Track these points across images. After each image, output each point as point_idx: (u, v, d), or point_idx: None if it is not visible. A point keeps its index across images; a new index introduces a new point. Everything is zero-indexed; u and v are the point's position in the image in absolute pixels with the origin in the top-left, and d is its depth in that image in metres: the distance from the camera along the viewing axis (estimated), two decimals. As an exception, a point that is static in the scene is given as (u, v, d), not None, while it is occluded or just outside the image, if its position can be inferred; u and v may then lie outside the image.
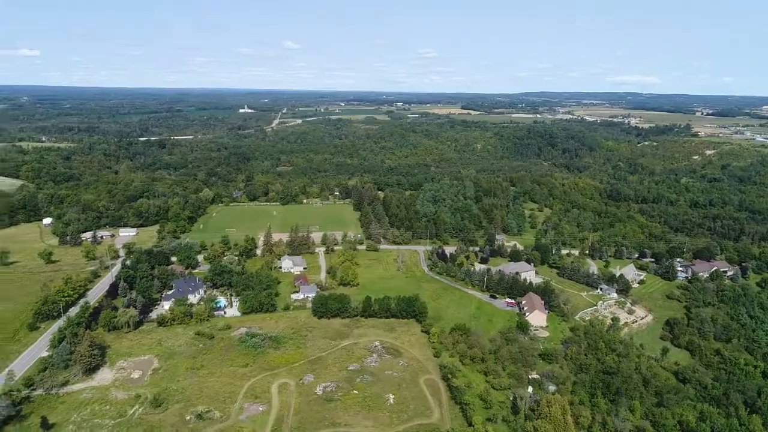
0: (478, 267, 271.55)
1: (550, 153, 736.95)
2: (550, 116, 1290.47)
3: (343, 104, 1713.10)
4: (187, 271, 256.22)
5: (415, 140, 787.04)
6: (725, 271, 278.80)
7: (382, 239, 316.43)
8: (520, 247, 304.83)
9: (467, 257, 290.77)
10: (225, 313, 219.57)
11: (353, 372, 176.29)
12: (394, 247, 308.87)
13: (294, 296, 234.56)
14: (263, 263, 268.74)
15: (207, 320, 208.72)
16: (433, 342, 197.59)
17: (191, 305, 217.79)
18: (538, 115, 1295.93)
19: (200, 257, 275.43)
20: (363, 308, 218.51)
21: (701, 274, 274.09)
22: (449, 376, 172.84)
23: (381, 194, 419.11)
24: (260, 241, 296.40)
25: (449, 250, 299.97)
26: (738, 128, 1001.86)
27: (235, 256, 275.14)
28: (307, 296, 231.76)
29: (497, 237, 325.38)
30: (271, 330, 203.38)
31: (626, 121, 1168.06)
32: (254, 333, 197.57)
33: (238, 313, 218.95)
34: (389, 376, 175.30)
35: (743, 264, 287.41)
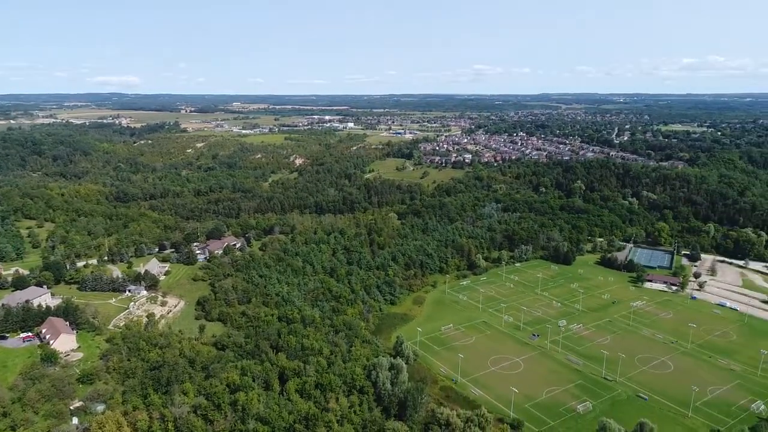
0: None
1: (38, 162, 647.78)
2: (28, 121, 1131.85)
3: None
4: None
5: None
6: (235, 244, 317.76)
7: None
8: (25, 272, 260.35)
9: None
10: None
11: None
12: None
13: None
14: None
15: None
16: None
17: None
18: (13, 121, 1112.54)
19: None
20: None
21: (216, 251, 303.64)
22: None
23: None
24: None
25: None
26: (218, 122, 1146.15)
27: None
28: None
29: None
30: None
31: (117, 121, 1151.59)
32: None
33: None
34: None
35: (247, 235, 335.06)
